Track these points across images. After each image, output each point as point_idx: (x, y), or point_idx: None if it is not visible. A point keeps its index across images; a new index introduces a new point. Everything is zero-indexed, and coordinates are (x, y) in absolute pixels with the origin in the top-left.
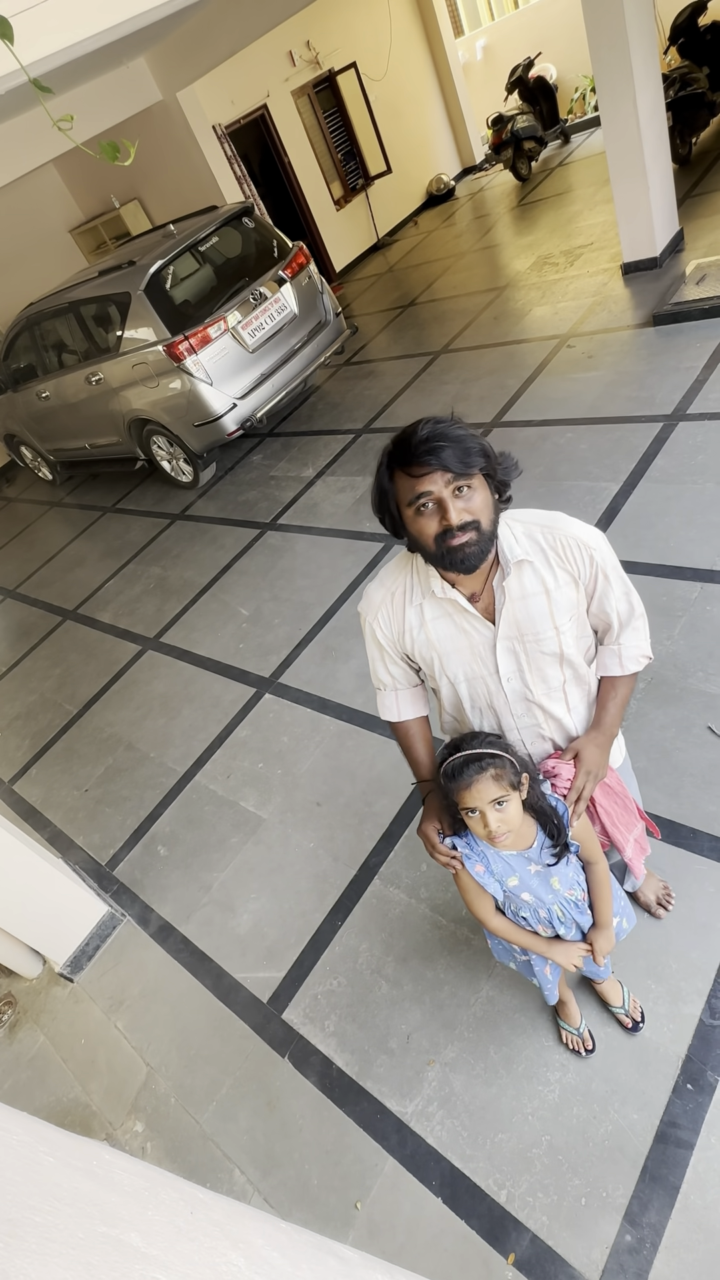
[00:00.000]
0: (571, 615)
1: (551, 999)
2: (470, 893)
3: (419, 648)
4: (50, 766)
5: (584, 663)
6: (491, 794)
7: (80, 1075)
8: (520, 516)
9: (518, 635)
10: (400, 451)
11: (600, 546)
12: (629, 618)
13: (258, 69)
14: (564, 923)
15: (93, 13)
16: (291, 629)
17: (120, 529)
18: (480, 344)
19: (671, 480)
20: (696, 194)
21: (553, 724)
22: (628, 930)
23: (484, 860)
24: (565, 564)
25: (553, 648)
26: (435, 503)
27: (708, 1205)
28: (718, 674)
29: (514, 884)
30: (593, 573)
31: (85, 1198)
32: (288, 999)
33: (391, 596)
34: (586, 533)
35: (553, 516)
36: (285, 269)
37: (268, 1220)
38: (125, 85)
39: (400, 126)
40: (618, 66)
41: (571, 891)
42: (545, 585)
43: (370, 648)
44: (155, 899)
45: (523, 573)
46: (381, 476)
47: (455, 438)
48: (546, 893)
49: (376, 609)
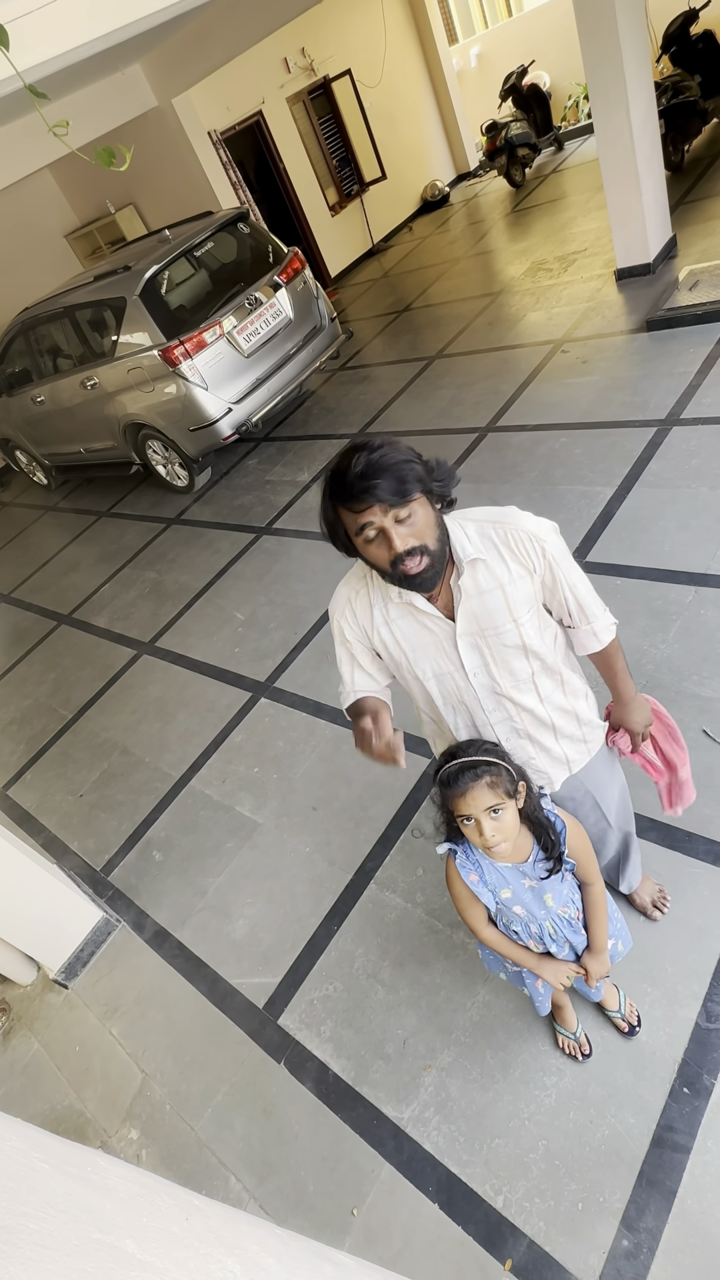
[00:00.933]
0: (530, 608)
1: (543, 1011)
2: (463, 901)
3: (388, 645)
4: (45, 772)
5: (551, 652)
6: (487, 802)
7: (75, 1082)
8: (473, 515)
9: (478, 630)
10: (338, 488)
11: (550, 538)
12: (588, 597)
13: (253, 76)
14: (555, 940)
15: (88, 20)
16: (287, 633)
17: (115, 533)
18: (475, 349)
19: (665, 485)
20: (689, 201)
21: (526, 716)
22: (623, 954)
23: (478, 870)
24: (519, 558)
25: (514, 640)
26: (378, 532)
27: (704, 1210)
28: (712, 678)
29: (506, 896)
30: (546, 564)
31: (80, 1204)
32: (284, 1004)
33: (356, 594)
34: (537, 525)
35: (504, 512)
36: (280, 274)
37: (263, 1226)
38: (121, 91)
39: (395, 133)
40: (611, 74)
41: (565, 910)
42: (500, 580)
43: (338, 645)
44: (150, 904)
45: (476, 570)
46: (326, 510)
47: (388, 467)
48: (539, 909)
49: (344, 607)
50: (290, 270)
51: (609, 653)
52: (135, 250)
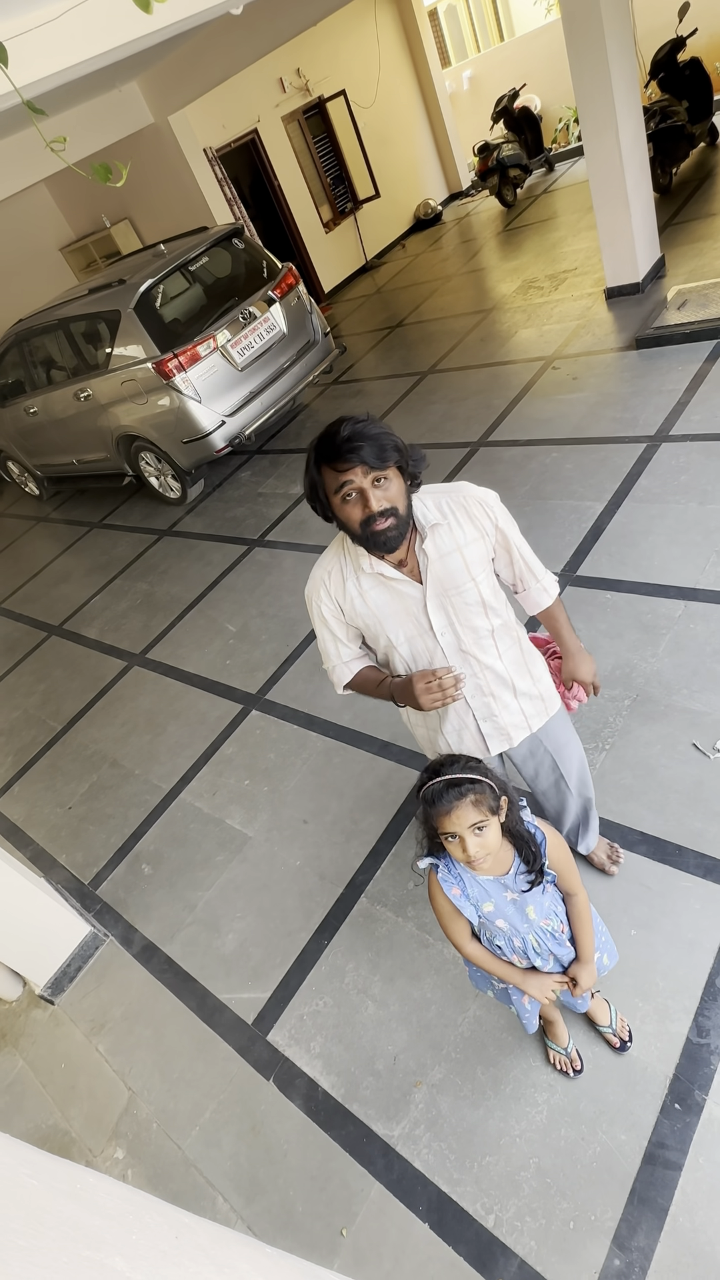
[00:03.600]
0: (483, 567)
1: (530, 1029)
2: (445, 915)
3: (362, 616)
4: (33, 784)
5: (506, 610)
6: (471, 819)
7: (60, 1101)
8: (429, 489)
9: (443, 591)
10: (326, 448)
11: (495, 502)
12: (532, 557)
13: (249, 95)
14: (539, 954)
15: (86, 39)
16: (279, 645)
17: (107, 544)
18: (467, 365)
19: (655, 500)
20: (677, 222)
21: (488, 674)
22: (609, 967)
23: (460, 884)
24: (473, 520)
25: (474, 597)
26: (357, 492)
27: (696, 1227)
28: (702, 691)
29: (489, 910)
30: (494, 523)
31: (69, 1221)
32: (273, 1020)
33: (329, 574)
34: (483, 493)
35: (455, 485)
36: (274, 289)
37: (253, 1245)
38: (118, 108)
39: (388, 152)
40: (600, 99)
41: (548, 922)
42: (458, 543)
43: (319, 627)
44: (139, 919)
45: (438, 534)
46: (311, 470)
47: (372, 436)
48: (521, 921)
49: (319, 585)
50: (284, 285)
51: (556, 608)
52: (130, 264)
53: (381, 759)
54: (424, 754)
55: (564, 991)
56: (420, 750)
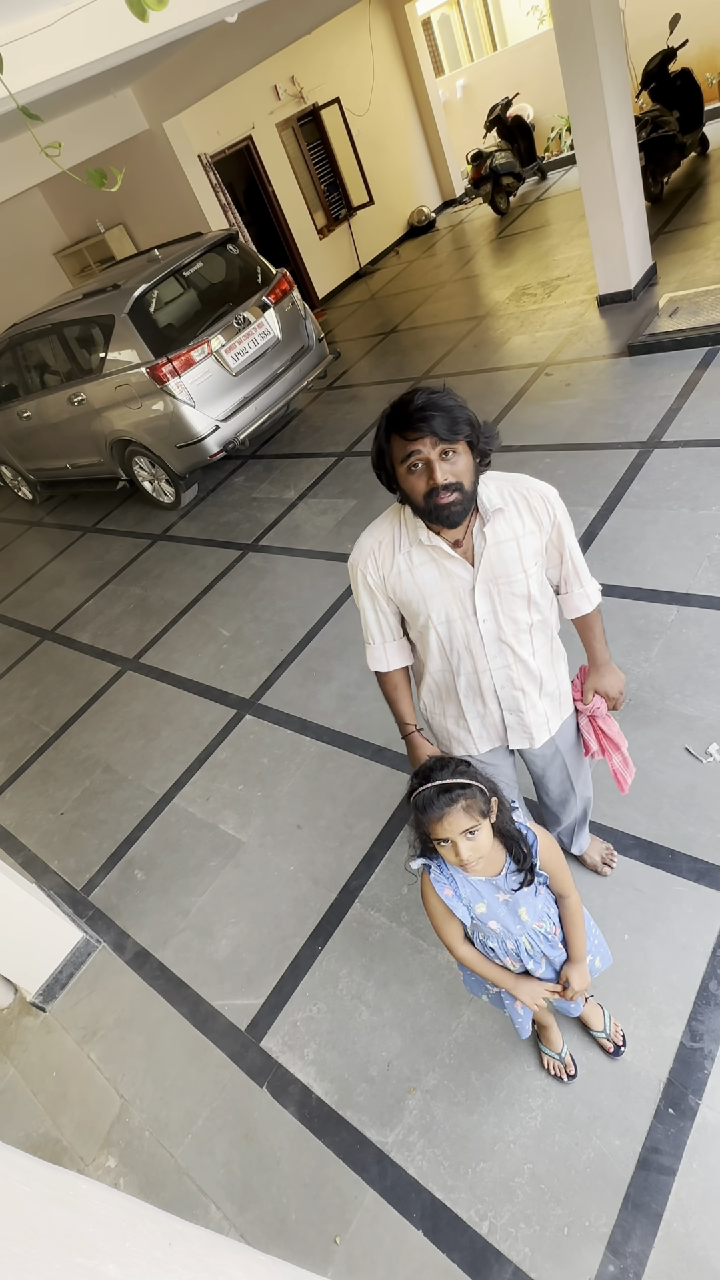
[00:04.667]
0: (536, 561)
1: (523, 1034)
2: (438, 917)
3: (406, 591)
4: (25, 789)
5: (549, 608)
6: (463, 825)
7: (51, 1109)
8: (493, 475)
9: (493, 578)
10: (397, 416)
11: (555, 498)
12: (581, 560)
13: (243, 101)
14: (532, 956)
15: (81, 45)
16: (273, 650)
17: (100, 549)
18: (461, 370)
19: (647, 505)
20: (669, 231)
21: (519, 667)
22: (602, 969)
23: (453, 884)
24: (533, 513)
25: (522, 589)
26: (424, 463)
27: (690, 1232)
28: (695, 696)
29: (481, 911)
30: (554, 519)
31: (62, 1228)
32: (266, 1026)
33: (380, 544)
34: (545, 487)
35: (518, 476)
36: (269, 295)
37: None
38: (112, 114)
39: (382, 160)
40: (592, 108)
41: (540, 924)
42: (516, 533)
43: (362, 597)
44: (131, 924)
45: (498, 520)
46: (380, 437)
47: (445, 407)
48: (514, 923)
49: (367, 555)
50: (278, 291)
51: (594, 616)
52: (124, 269)
53: (375, 764)
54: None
55: (560, 999)
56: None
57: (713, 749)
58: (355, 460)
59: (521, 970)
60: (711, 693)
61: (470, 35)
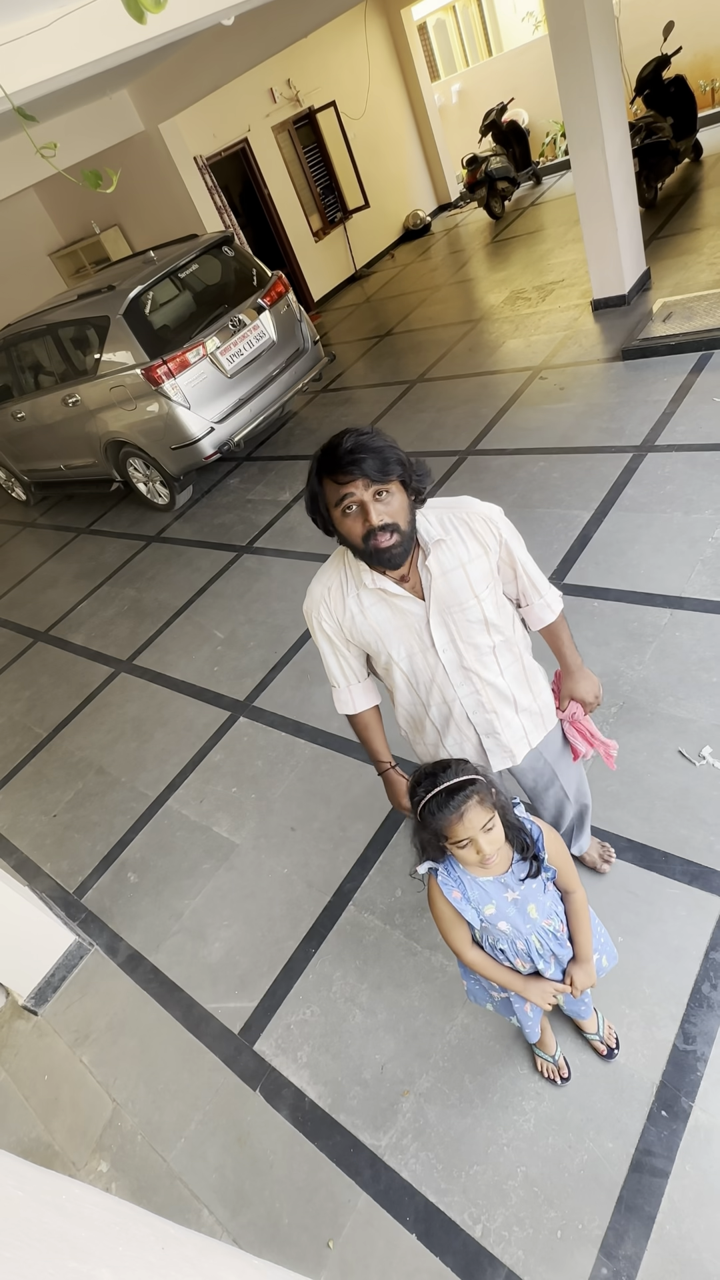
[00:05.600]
0: (488, 584)
1: (533, 1037)
2: (446, 921)
3: (363, 633)
4: (18, 791)
5: (509, 627)
6: (482, 820)
7: (43, 1113)
8: (432, 504)
9: (445, 608)
10: (328, 459)
11: (499, 517)
12: (536, 572)
13: (239, 104)
14: (542, 955)
15: (77, 47)
16: (267, 652)
17: (94, 550)
18: (455, 374)
19: (641, 509)
20: (662, 236)
21: (489, 690)
22: (608, 968)
23: (460, 887)
24: (476, 537)
25: (476, 615)
26: (358, 505)
27: (683, 1235)
28: (688, 699)
29: (490, 912)
30: (500, 539)
31: (56, 1232)
32: (260, 1030)
33: (329, 590)
34: (488, 508)
35: (459, 500)
36: (264, 297)
37: (240, 1257)
38: (108, 115)
39: (378, 163)
40: (587, 114)
41: (549, 922)
42: (461, 560)
43: (321, 643)
44: (124, 927)
45: (440, 551)
46: (311, 482)
47: (375, 449)
48: (524, 922)
49: (319, 603)
50: (274, 293)
51: (558, 625)
52: (120, 270)
53: (370, 766)
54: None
55: (570, 999)
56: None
57: (706, 752)
58: None
59: (531, 971)
60: (704, 696)
61: (466, 40)
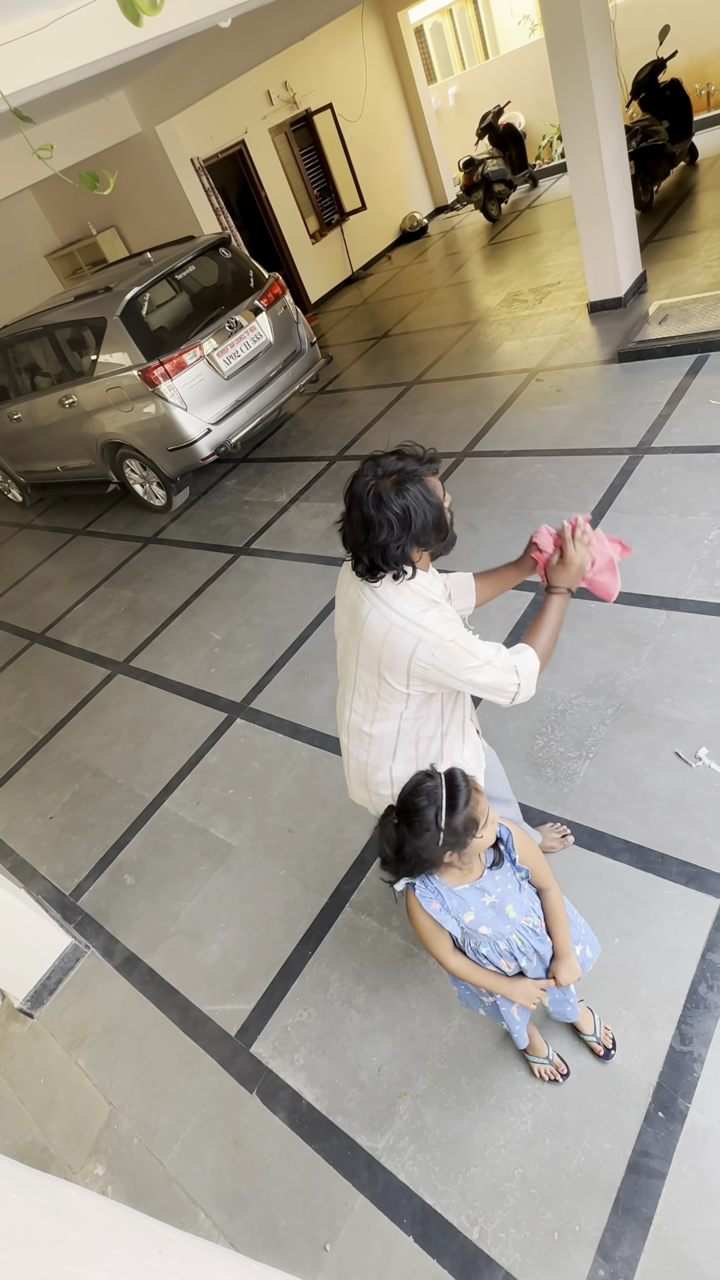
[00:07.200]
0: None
1: (521, 1042)
2: (427, 932)
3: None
4: (14, 793)
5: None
6: (485, 802)
7: (39, 1116)
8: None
9: None
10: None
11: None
12: None
13: (236, 106)
14: (524, 953)
15: (74, 49)
16: (264, 654)
17: (91, 552)
18: (452, 376)
19: (637, 511)
20: (658, 239)
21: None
22: (593, 960)
23: (439, 898)
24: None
25: None
26: None
27: (680, 1236)
28: (684, 700)
29: (470, 919)
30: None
31: (52, 1236)
32: (256, 1032)
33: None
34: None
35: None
36: (261, 299)
37: (237, 1259)
38: (105, 117)
39: (375, 166)
40: (583, 117)
41: (528, 919)
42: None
43: (458, 633)
44: (121, 930)
45: None
46: (426, 493)
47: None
48: (503, 923)
49: (444, 605)
50: (271, 295)
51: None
52: (116, 272)
53: None
54: None
55: (556, 1003)
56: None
57: (702, 753)
58: (347, 464)
59: (516, 971)
60: (700, 697)
61: (462, 43)
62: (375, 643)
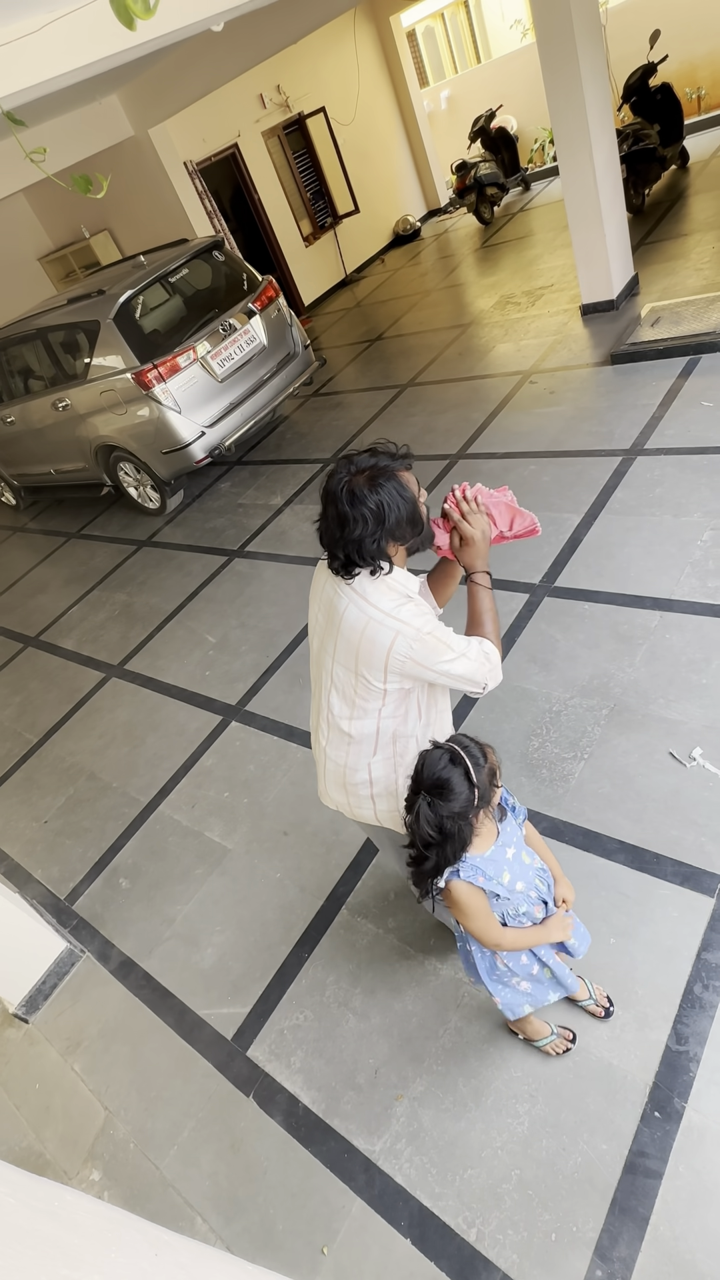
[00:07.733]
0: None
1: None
2: (481, 915)
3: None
4: (8, 797)
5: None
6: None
7: (34, 1122)
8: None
9: None
10: (402, 458)
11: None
12: None
13: (229, 109)
14: (542, 894)
15: (66, 52)
16: (259, 656)
17: (85, 555)
18: (446, 378)
19: (631, 512)
20: (650, 241)
21: None
22: (583, 950)
23: (479, 872)
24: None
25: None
26: None
27: (677, 1236)
28: (678, 700)
29: (508, 879)
30: None
31: (48, 1239)
32: (253, 1035)
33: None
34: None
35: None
36: (255, 301)
37: (233, 1262)
38: (98, 120)
39: (368, 169)
40: (575, 121)
41: (533, 859)
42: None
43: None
44: (116, 934)
45: None
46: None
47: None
48: (527, 871)
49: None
50: (264, 298)
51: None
52: (110, 275)
53: None
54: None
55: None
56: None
57: (696, 753)
58: None
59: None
60: (694, 697)
61: (454, 47)
62: (353, 637)
